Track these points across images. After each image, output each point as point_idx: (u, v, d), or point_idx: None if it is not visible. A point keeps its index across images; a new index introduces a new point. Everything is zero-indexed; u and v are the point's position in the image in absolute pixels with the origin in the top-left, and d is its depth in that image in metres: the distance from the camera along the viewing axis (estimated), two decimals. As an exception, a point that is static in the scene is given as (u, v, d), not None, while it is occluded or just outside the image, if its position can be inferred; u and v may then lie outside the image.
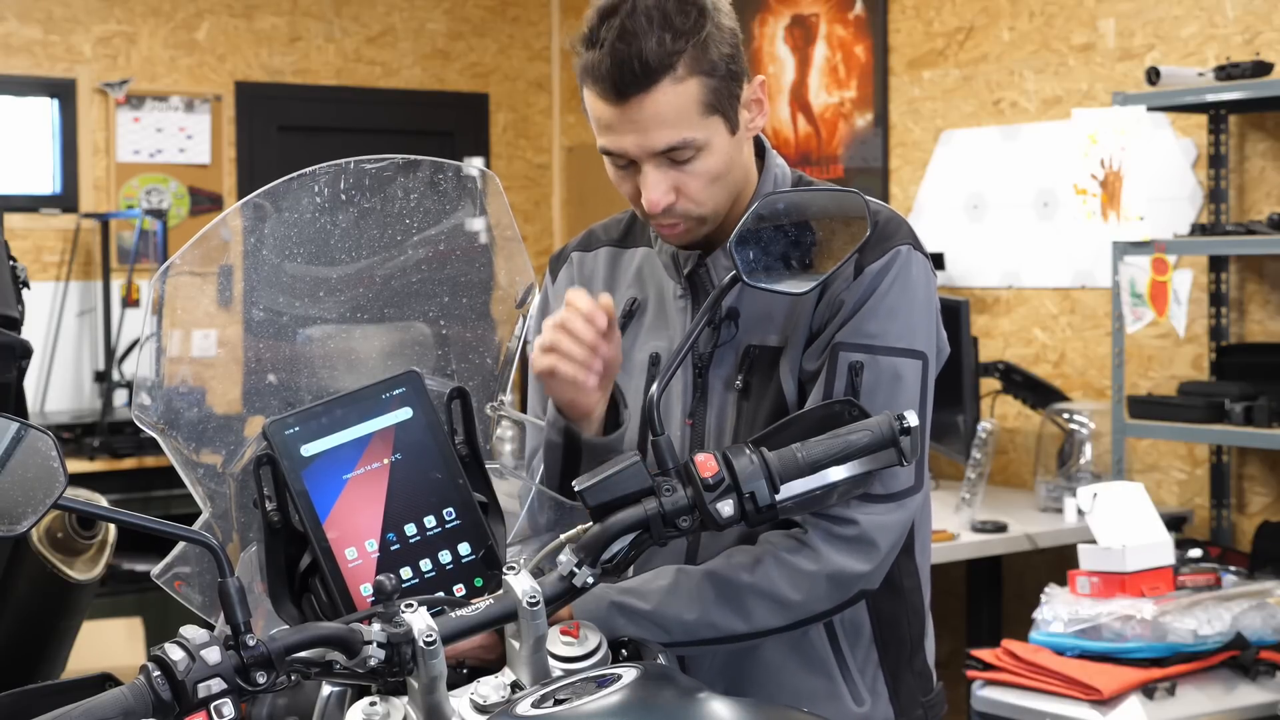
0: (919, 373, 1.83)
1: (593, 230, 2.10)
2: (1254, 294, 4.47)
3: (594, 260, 2.05)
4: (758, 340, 1.88)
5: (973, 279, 5.17)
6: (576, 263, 2.06)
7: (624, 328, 1.97)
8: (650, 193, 1.80)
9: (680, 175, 1.81)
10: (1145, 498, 3.60)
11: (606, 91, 1.78)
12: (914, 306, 1.84)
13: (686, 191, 1.82)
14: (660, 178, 1.80)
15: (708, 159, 1.81)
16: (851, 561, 1.78)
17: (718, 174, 1.83)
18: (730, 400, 1.89)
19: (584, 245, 2.08)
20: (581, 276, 2.05)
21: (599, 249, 2.06)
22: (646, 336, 1.96)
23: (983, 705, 3.53)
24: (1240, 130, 4.48)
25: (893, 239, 1.84)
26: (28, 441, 1.41)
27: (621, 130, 1.79)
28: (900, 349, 1.81)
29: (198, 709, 1.39)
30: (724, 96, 1.80)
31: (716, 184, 1.83)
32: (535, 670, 1.53)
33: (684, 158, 1.80)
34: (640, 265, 2.01)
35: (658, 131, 1.78)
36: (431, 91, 6.69)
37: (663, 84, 1.76)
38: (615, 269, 2.03)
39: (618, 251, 2.04)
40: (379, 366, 1.79)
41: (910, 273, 1.84)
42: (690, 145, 1.79)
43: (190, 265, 1.78)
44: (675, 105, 1.77)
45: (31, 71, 5.89)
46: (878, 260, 1.82)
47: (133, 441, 5.50)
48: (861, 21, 5.52)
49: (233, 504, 1.72)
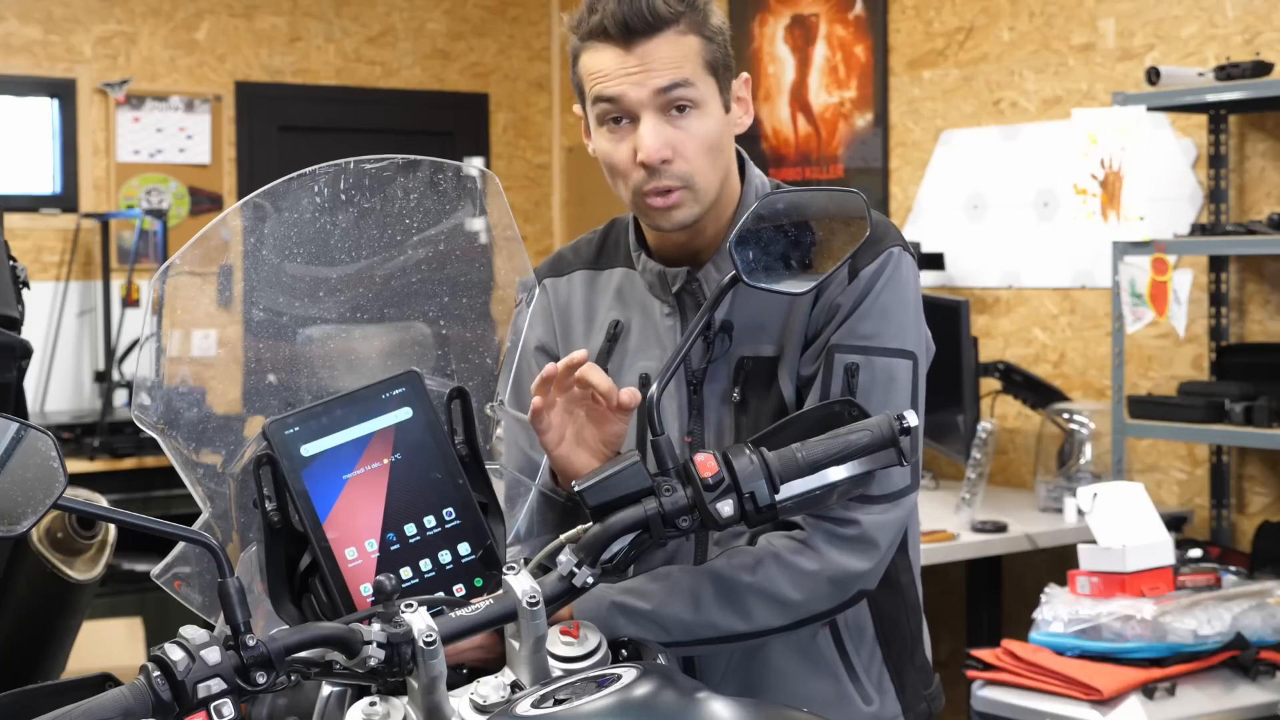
0: (910, 372, 1.84)
1: (561, 254, 2.07)
2: (1254, 294, 4.47)
3: (568, 285, 2.03)
4: (751, 351, 1.88)
5: (973, 279, 5.17)
6: (550, 289, 2.03)
7: (608, 352, 1.96)
8: (648, 141, 1.81)
9: (677, 133, 1.82)
10: (1145, 498, 3.60)
11: (615, 37, 1.81)
12: (906, 307, 1.86)
13: (683, 151, 1.82)
14: (658, 129, 1.81)
15: (705, 120, 1.83)
16: (853, 561, 1.79)
17: (713, 140, 1.84)
18: (727, 414, 1.89)
19: (555, 270, 2.05)
20: (557, 302, 2.02)
21: (572, 273, 2.03)
22: (634, 358, 1.95)
23: (983, 705, 3.54)
24: (1240, 130, 4.48)
25: (884, 241, 1.86)
26: (28, 441, 1.41)
27: (625, 75, 1.81)
28: (893, 349, 1.83)
29: (198, 709, 1.39)
30: (720, 66, 1.86)
31: (710, 153, 1.84)
32: (535, 670, 1.53)
33: (682, 104, 1.82)
34: (620, 286, 1.99)
35: (662, 70, 1.81)
36: (431, 91, 6.69)
37: (668, 32, 1.81)
38: (592, 292, 2.01)
39: (593, 274, 2.02)
40: (379, 366, 1.79)
41: (901, 274, 1.86)
42: (690, 89, 1.82)
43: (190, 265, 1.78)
44: (679, 51, 1.82)
45: (31, 71, 5.89)
46: (872, 263, 1.84)
47: (133, 441, 5.50)
48: (861, 21, 5.52)
49: (233, 504, 1.72)
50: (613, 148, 1.86)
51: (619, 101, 1.82)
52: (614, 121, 1.85)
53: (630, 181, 1.85)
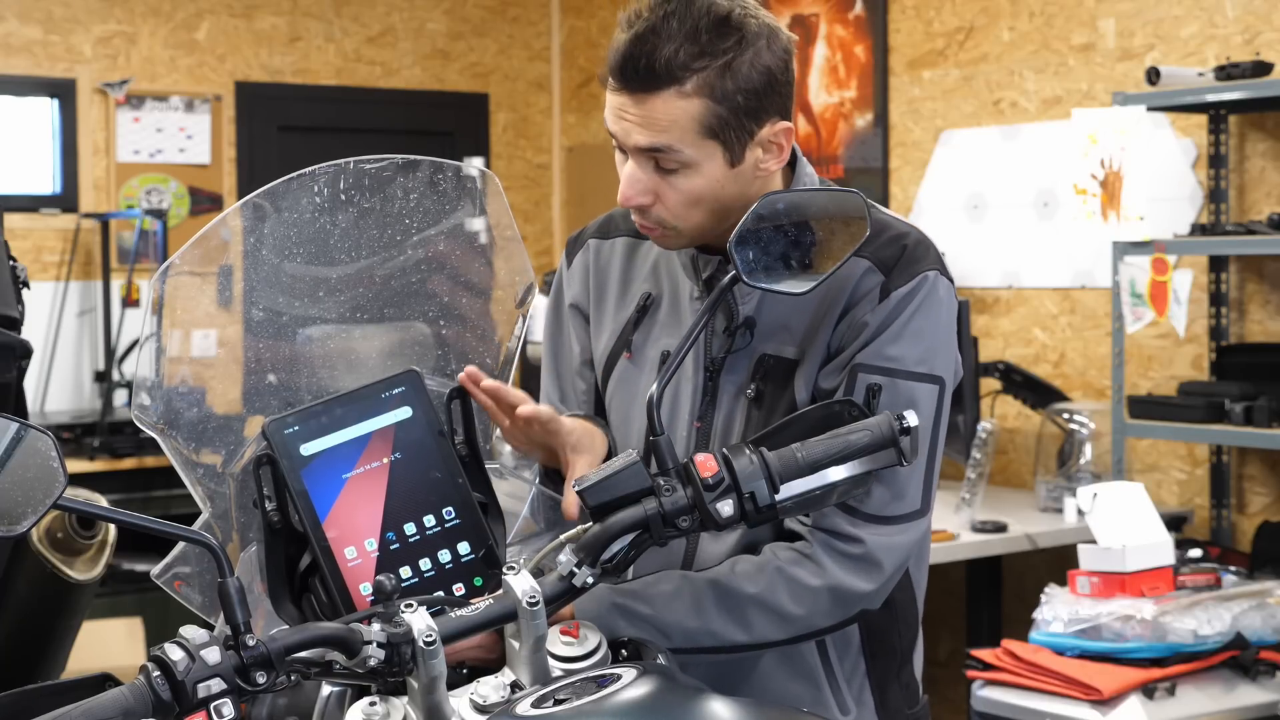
0: (935, 398, 1.82)
1: (612, 216, 2.06)
2: (1254, 294, 4.47)
3: (610, 249, 2.02)
4: (773, 350, 1.87)
5: (973, 279, 5.17)
6: (594, 250, 2.04)
7: (637, 323, 1.96)
8: (625, 185, 1.80)
9: (661, 182, 1.80)
10: (1145, 498, 3.60)
11: (614, 74, 1.78)
12: (937, 332, 1.83)
13: (664, 200, 1.81)
14: (639, 175, 1.80)
15: (693, 179, 1.79)
16: (855, 580, 1.78)
17: (699, 197, 1.80)
18: (740, 406, 1.88)
19: (602, 232, 2.05)
20: (597, 265, 2.02)
21: (617, 238, 2.03)
22: (660, 333, 1.95)
23: (983, 705, 3.53)
24: (1240, 130, 4.48)
25: (920, 263, 1.83)
26: (27, 441, 1.41)
27: (618, 115, 1.79)
28: (919, 374, 1.80)
29: (198, 709, 1.39)
30: (730, 127, 1.78)
31: (696, 207, 1.81)
32: (535, 670, 1.53)
33: (668, 166, 1.78)
34: (657, 260, 1.98)
35: (643, 130, 1.77)
36: (431, 91, 6.69)
37: (665, 93, 1.75)
38: (631, 261, 2.01)
39: (635, 243, 2.01)
40: (379, 366, 1.79)
41: (936, 298, 1.83)
42: (674, 155, 1.77)
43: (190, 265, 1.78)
44: (671, 116, 1.76)
45: (31, 71, 5.89)
46: (905, 285, 1.81)
47: (133, 441, 5.50)
48: (861, 21, 5.52)
49: (232, 504, 1.72)
50: (618, 164, 1.85)
51: (616, 138, 1.82)
52: (618, 149, 1.84)
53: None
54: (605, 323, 2.00)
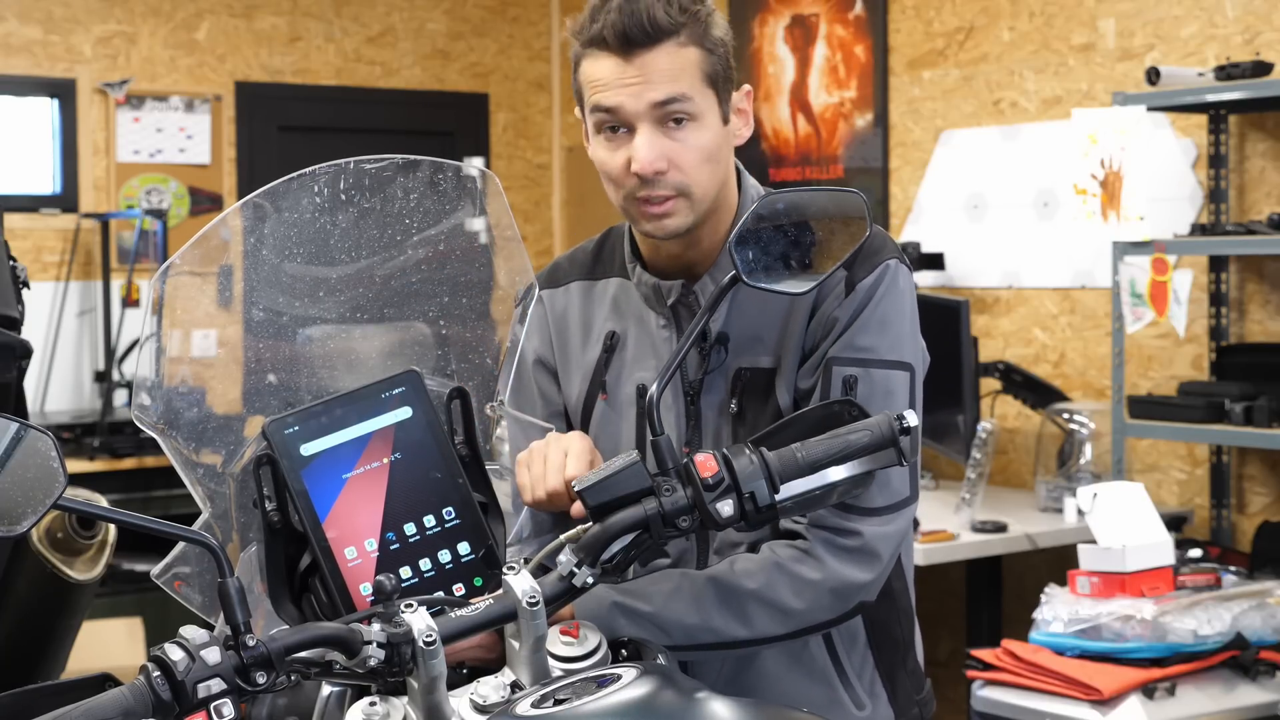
0: (908, 384, 1.85)
1: (557, 264, 2.08)
2: (1254, 294, 4.47)
3: (565, 295, 2.03)
4: (748, 363, 1.89)
5: (973, 279, 5.17)
6: (547, 300, 2.04)
7: (607, 363, 1.97)
8: (643, 154, 1.81)
9: (673, 144, 1.82)
10: (1145, 498, 3.60)
11: (614, 47, 1.81)
12: (902, 319, 1.86)
13: (678, 162, 1.82)
14: (654, 140, 1.81)
15: (701, 132, 1.83)
16: (855, 572, 1.80)
17: (709, 152, 1.84)
18: (725, 424, 1.90)
19: (551, 281, 2.05)
20: (554, 313, 2.03)
21: (570, 283, 2.04)
22: (633, 368, 1.96)
23: (983, 705, 3.54)
24: (1240, 130, 4.48)
25: (880, 253, 1.87)
26: (27, 441, 1.41)
27: (623, 86, 1.81)
28: (891, 361, 1.84)
29: (198, 709, 1.39)
30: (721, 77, 1.85)
31: (707, 164, 1.84)
32: (535, 670, 1.53)
33: (679, 117, 1.81)
34: (615, 296, 1.99)
35: (659, 84, 1.80)
36: (431, 91, 6.69)
37: (667, 44, 1.81)
38: (588, 302, 2.02)
39: (589, 284, 2.02)
40: (379, 366, 1.79)
41: (898, 286, 1.87)
42: (687, 103, 1.81)
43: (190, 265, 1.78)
44: (678, 64, 1.81)
45: (31, 71, 5.89)
46: (869, 275, 1.85)
47: (133, 441, 5.50)
48: (861, 21, 5.52)
49: (232, 504, 1.72)
50: (608, 155, 1.86)
51: (616, 112, 1.83)
52: (611, 130, 1.85)
53: (624, 188, 1.86)
54: (573, 369, 2.01)
